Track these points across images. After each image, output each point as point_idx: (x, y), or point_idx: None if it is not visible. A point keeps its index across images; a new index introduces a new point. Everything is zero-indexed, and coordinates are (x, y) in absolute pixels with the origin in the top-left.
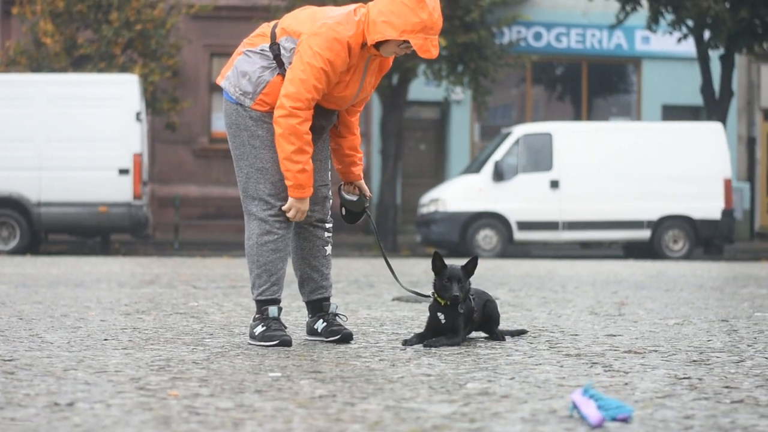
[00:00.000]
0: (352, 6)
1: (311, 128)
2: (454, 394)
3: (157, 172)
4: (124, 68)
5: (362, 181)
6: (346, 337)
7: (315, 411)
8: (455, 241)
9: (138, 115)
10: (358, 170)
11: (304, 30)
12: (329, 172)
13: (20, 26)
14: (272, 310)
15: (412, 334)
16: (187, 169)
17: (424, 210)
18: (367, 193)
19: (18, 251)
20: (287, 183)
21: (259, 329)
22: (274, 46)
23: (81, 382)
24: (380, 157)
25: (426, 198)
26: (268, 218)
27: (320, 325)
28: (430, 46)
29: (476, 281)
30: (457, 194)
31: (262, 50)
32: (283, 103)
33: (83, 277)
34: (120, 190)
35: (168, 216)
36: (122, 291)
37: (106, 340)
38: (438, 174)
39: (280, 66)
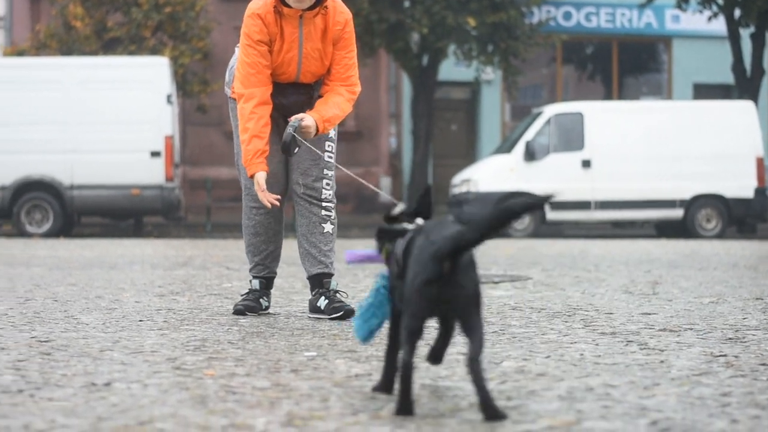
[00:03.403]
0: None
1: (274, 107)
2: (490, 372)
3: (188, 154)
4: (154, 51)
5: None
6: (348, 314)
7: (351, 390)
8: None
9: (169, 97)
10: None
11: None
12: (324, 155)
13: (50, 10)
14: (254, 283)
15: None
16: (218, 151)
17: (456, 190)
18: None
19: (51, 234)
20: None
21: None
22: None
23: (117, 362)
24: (411, 137)
25: (458, 178)
26: (248, 204)
27: (322, 302)
28: None
29: (509, 262)
30: (489, 174)
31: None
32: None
33: (116, 259)
34: (152, 173)
35: (200, 198)
36: (156, 273)
37: (141, 321)
38: (469, 154)
39: None
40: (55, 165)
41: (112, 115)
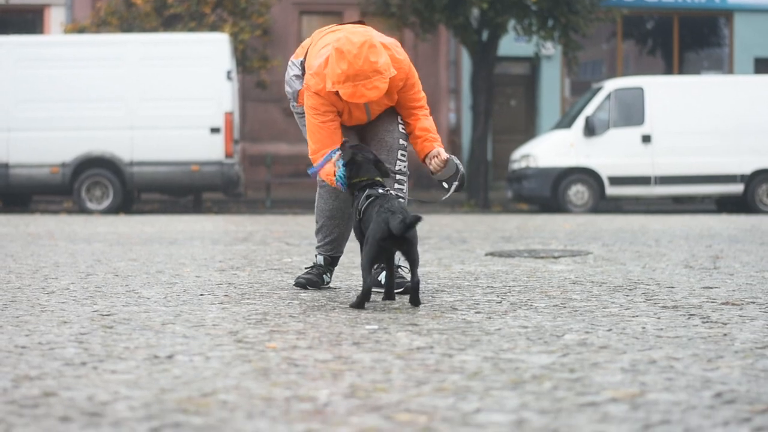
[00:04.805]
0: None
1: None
2: (552, 345)
3: (248, 130)
4: (214, 27)
5: (438, 150)
6: (408, 290)
7: (413, 362)
8: (547, 196)
9: (229, 73)
10: (430, 145)
11: (310, 70)
12: (398, 127)
13: None
14: (319, 259)
15: None
16: (278, 127)
17: (516, 166)
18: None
19: (111, 210)
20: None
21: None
22: (303, 61)
23: (179, 335)
24: (471, 113)
25: (517, 154)
26: (327, 189)
27: (384, 277)
28: (363, 91)
29: (569, 237)
30: (549, 150)
31: (300, 62)
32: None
33: (176, 235)
34: (212, 149)
35: (259, 174)
36: (216, 248)
37: (202, 295)
38: (529, 130)
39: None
40: (115, 142)
41: (172, 91)
